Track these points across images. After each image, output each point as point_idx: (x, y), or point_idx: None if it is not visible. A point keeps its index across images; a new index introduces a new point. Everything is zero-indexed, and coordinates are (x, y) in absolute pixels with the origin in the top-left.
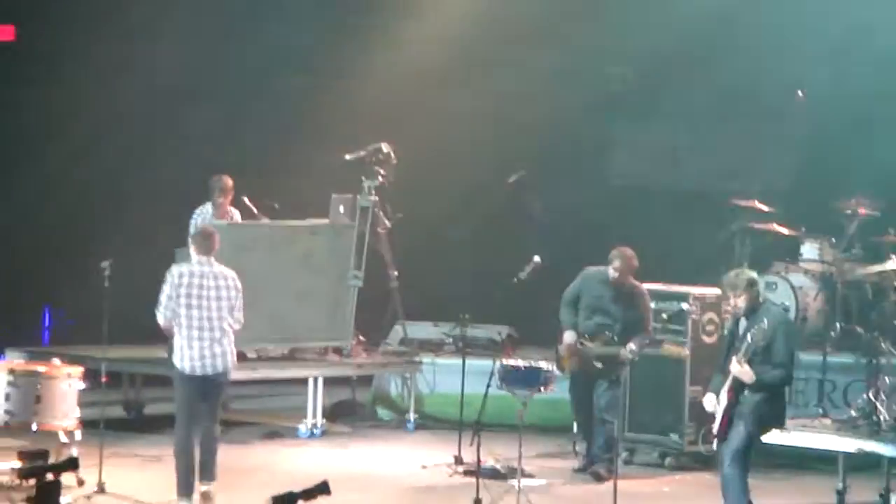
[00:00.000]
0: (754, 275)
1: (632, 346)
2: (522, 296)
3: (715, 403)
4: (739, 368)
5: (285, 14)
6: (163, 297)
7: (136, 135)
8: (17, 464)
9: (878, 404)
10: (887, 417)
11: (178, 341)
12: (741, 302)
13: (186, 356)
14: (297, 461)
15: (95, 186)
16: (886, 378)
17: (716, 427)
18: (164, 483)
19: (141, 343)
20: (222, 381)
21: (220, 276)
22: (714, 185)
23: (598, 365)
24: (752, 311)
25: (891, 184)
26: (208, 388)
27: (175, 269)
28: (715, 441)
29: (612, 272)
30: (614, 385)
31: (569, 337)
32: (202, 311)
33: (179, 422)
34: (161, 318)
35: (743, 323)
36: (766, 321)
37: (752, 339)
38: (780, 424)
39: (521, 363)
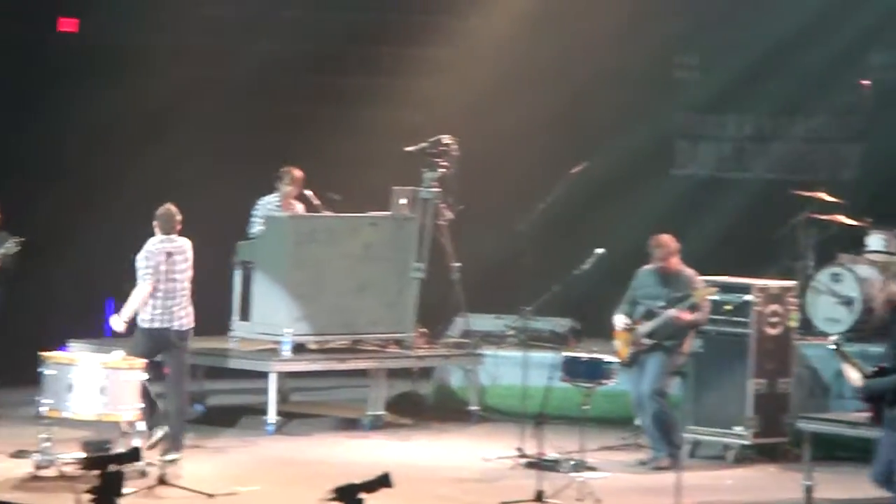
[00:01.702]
0: None
1: (672, 312)
2: (585, 288)
3: None
4: (851, 373)
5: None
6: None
7: (196, 128)
8: (81, 454)
9: None
10: None
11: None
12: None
13: (157, 315)
14: (358, 453)
15: (155, 179)
16: None
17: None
18: (226, 474)
19: (204, 334)
20: (185, 338)
21: (182, 250)
22: (779, 176)
23: (647, 341)
24: None
25: None
26: (171, 341)
27: (149, 245)
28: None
29: (655, 262)
30: (661, 368)
31: (617, 320)
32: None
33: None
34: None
35: None
36: None
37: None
38: None
39: (583, 355)
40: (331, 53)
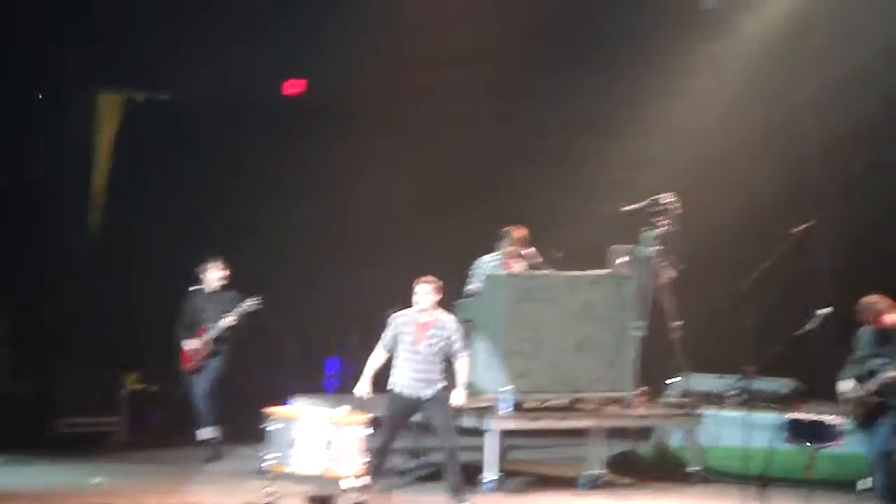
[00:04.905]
0: None
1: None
2: (810, 348)
3: None
4: None
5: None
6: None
7: (413, 187)
8: None
9: None
10: None
11: None
12: None
13: None
14: None
15: (377, 236)
16: None
17: None
18: None
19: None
20: None
21: None
22: None
23: (875, 399)
24: None
25: None
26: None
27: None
28: None
29: (887, 319)
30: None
31: (843, 385)
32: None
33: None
34: None
35: None
36: None
37: None
38: None
39: (808, 417)
40: (552, 116)
